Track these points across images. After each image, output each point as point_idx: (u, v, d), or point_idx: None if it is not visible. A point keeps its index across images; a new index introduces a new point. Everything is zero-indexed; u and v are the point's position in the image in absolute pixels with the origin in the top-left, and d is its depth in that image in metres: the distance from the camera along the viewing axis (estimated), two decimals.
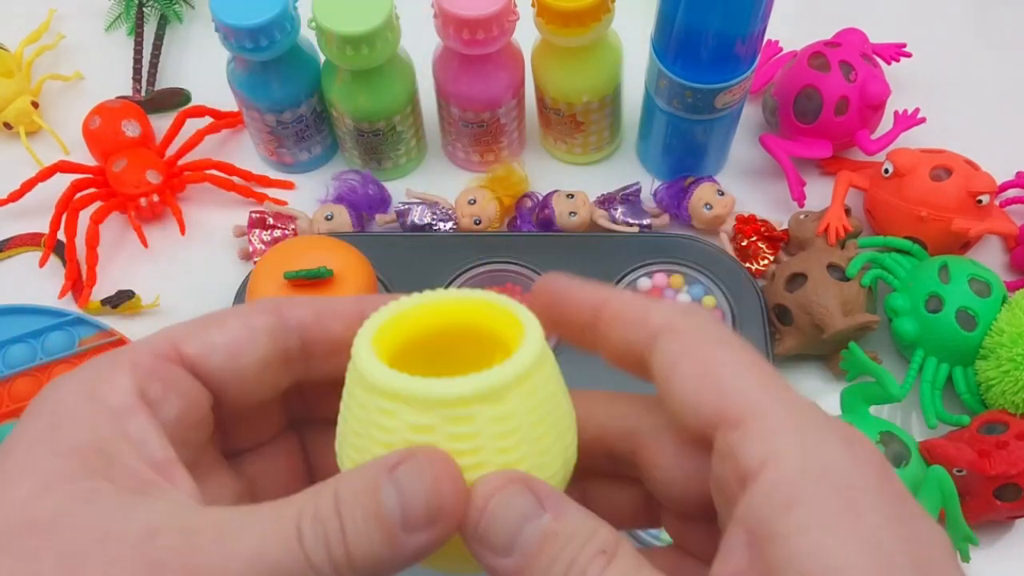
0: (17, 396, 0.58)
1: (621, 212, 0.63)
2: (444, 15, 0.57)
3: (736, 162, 0.68)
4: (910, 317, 0.57)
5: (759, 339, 0.58)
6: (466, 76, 0.61)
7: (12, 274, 0.65)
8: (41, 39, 0.73)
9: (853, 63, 0.62)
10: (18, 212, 0.66)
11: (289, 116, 0.63)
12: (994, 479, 0.51)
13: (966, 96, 0.70)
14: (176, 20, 0.75)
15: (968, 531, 0.48)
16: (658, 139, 0.64)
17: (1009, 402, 0.54)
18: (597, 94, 0.62)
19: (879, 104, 0.63)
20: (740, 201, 0.65)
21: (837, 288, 0.57)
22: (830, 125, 0.63)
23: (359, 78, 0.60)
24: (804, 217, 0.62)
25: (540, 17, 0.58)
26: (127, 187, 0.64)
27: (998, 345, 0.54)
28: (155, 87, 0.72)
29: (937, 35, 0.73)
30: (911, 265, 0.59)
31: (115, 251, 0.65)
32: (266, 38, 0.57)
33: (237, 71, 0.62)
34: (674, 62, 0.58)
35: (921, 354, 0.57)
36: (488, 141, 0.65)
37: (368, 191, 0.65)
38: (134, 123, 0.66)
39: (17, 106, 0.68)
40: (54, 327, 0.60)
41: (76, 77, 0.73)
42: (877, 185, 0.61)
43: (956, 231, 0.58)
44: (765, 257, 0.63)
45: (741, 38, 0.55)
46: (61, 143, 0.68)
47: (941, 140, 0.63)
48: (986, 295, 0.56)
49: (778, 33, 0.69)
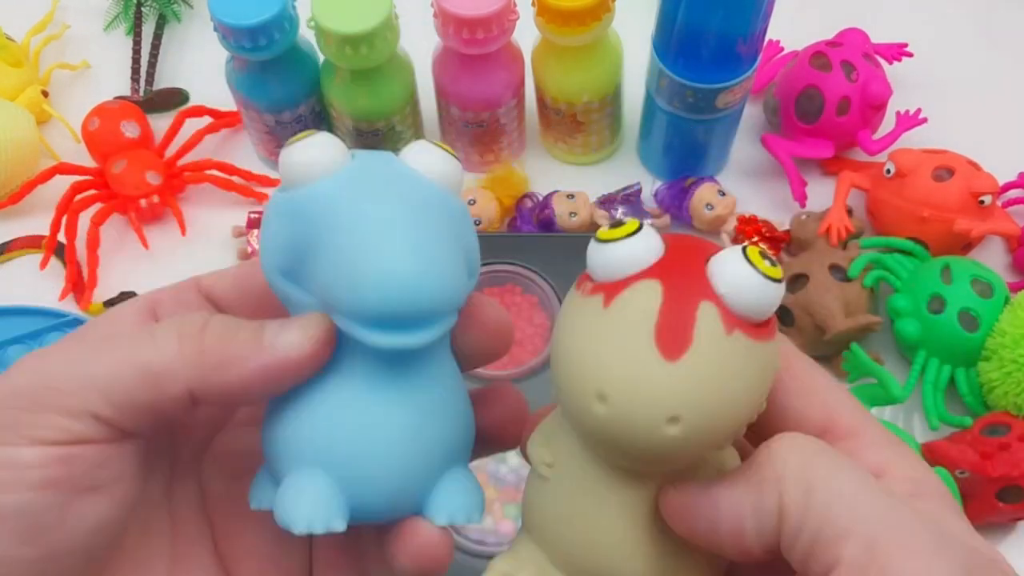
0: None
1: (622, 212, 0.63)
2: (444, 14, 0.56)
3: (737, 162, 0.68)
4: (912, 318, 0.57)
5: None
6: (466, 76, 0.61)
7: (13, 277, 0.65)
8: (47, 29, 0.73)
9: (855, 63, 0.62)
10: (18, 214, 0.66)
11: (288, 116, 0.63)
12: (996, 481, 0.51)
13: (968, 96, 0.70)
14: (175, 19, 0.75)
15: None
16: (659, 139, 0.64)
17: (1011, 403, 0.54)
18: (597, 94, 0.62)
19: (881, 104, 0.63)
20: (741, 201, 0.65)
21: (839, 289, 0.57)
22: (832, 125, 0.63)
23: (358, 78, 0.60)
24: (806, 218, 0.62)
25: (540, 16, 0.57)
26: (127, 188, 0.64)
27: (1000, 346, 0.54)
28: (154, 87, 0.71)
29: (939, 35, 0.72)
30: (913, 266, 0.59)
31: (116, 252, 0.65)
32: (265, 38, 0.57)
33: (236, 71, 0.61)
34: (675, 62, 0.57)
35: (923, 355, 0.57)
36: (488, 141, 0.65)
37: None
38: (133, 124, 0.66)
39: (28, 95, 0.68)
40: (52, 328, 0.60)
41: (83, 66, 0.73)
42: (879, 185, 0.61)
43: (958, 232, 0.58)
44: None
45: (742, 38, 0.55)
46: (72, 131, 0.68)
47: (943, 140, 0.63)
48: (988, 296, 0.56)
49: (779, 33, 0.69)
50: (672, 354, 0.23)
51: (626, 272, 0.24)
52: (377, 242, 0.25)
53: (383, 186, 0.26)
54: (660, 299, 0.23)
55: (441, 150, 0.28)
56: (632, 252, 0.24)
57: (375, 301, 0.24)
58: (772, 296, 0.24)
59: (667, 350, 0.23)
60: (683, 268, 0.24)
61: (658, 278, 0.24)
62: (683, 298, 0.24)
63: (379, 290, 0.24)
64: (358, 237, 0.25)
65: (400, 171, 0.27)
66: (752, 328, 0.24)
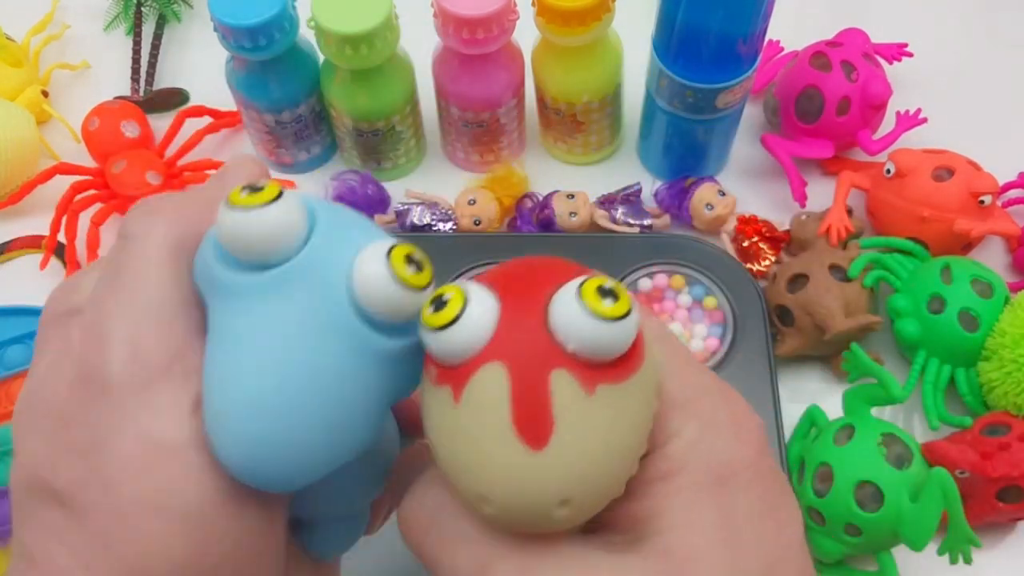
0: (14, 397, 0.58)
1: (622, 212, 0.63)
2: (444, 14, 0.56)
3: (737, 162, 0.68)
4: (912, 318, 0.57)
5: (760, 340, 0.57)
6: (466, 76, 0.61)
7: (13, 277, 0.65)
8: (47, 29, 0.73)
9: (855, 63, 0.62)
10: (18, 214, 0.66)
11: (288, 116, 0.63)
12: (996, 481, 0.51)
13: (968, 96, 0.70)
14: (175, 19, 0.75)
15: (970, 533, 0.48)
16: (659, 139, 0.64)
17: (1011, 404, 0.54)
18: (597, 94, 0.62)
19: (881, 104, 0.63)
20: (741, 201, 0.65)
21: (839, 289, 0.57)
22: (832, 125, 0.63)
23: (358, 78, 0.60)
24: (806, 218, 0.62)
25: (540, 16, 0.57)
26: (127, 188, 0.64)
27: (1000, 346, 0.54)
28: (154, 87, 0.71)
29: (939, 35, 0.72)
30: (913, 266, 0.59)
31: None
32: (265, 37, 0.57)
33: (236, 71, 0.61)
34: (675, 62, 0.57)
35: (923, 355, 0.57)
36: (488, 141, 0.65)
37: (367, 191, 0.64)
38: (133, 124, 0.66)
39: (28, 95, 0.68)
40: None
41: (83, 66, 0.73)
42: (879, 185, 0.61)
43: (958, 232, 0.58)
44: (766, 258, 0.62)
45: (742, 38, 0.55)
46: (72, 131, 0.68)
47: (943, 140, 0.63)
48: (988, 296, 0.56)
49: (779, 33, 0.69)
50: (537, 443, 0.22)
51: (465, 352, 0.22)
52: (221, 387, 0.23)
53: (294, 316, 0.23)
54: (507, 384, 0.22)
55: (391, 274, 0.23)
56: (469, 334, 0.22)
57: (220, 458, 0.24)
58: (619, 337, 0.22)
59: (532, 440, 0.22)
60: (521, 333, 0.22)
61: (499, 358, 0.22)
62: (531, 375, 0.22)
63: (219, 451, 0.23)
64: (220, 366, 0.23)
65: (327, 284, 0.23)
66: (613, 372, 0.22)
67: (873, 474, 0.49)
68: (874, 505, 0.49)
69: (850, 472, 0.50)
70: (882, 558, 0.51)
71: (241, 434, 0.23)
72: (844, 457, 0.50)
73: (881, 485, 0.49)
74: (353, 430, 0.24)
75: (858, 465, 0.50)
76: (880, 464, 0.49)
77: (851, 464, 0.50)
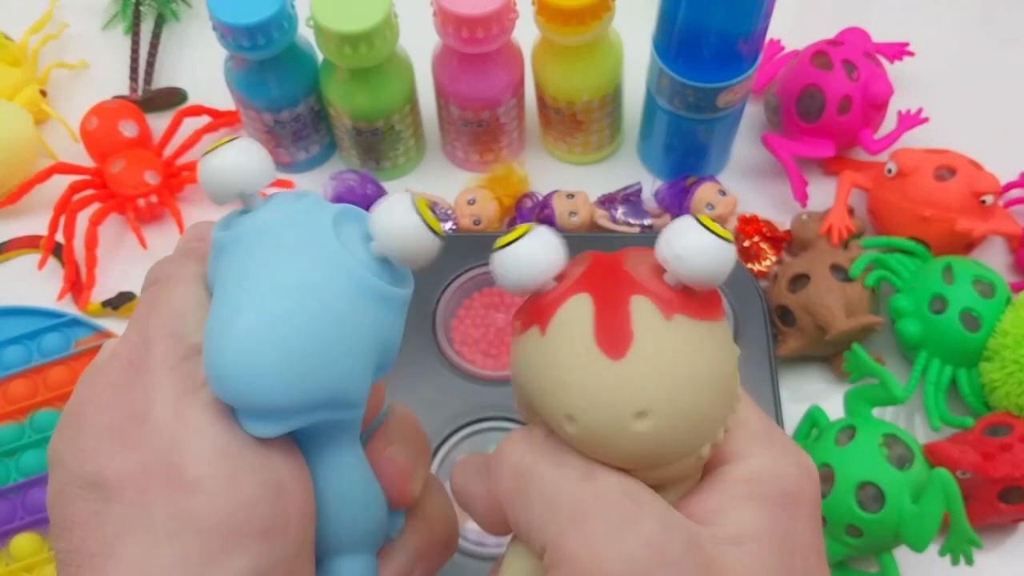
0: (13, 398, 0.57)
1: (622, 212, 0.63)
2: (443, 13, 0.56)
3: (738, 162, 0.68)
4: (914, 318, 0.56)
5: (761, 340, 0.57)
6: (465, 75, 0.60)
7: (11, 277, 0.65)
8: (45, 28, 0.73)
9: (856, 62, 0.62)
10: (16, 214, 0.66)
11: (287, 115, 0.63)
12: (998, 482, 0.51)
13: (970, 95, 0.70)
14: (173, 18, 0.75)
15: (972, 534, 0.48)
16: (659, 139, 0.64)
17: (1013, 404, 0.54)
18: (598, 93, 0.62)
19: (882, 103, 0.62)
20: (742, 201, 0.64)
21: (840, 289, 0.57)
22: (833, 124, 0.62)
23: (357, 77, 0.60)
24: (807, 217, 0.62)
25: (540, 15, 0.57)
26: (125, 188, 0.64)
27: (1002, 347, 0.54)
28: (152, 86, 0.71)
29: (940, 34, 0.72)
30: (915, 266, 0.59)
31: (114, 252, 0.65)
32: (264, 36, 0.57)
33: (234, 70, 0.61)
34: (675, 61, 0.57)
35: (925, 356, 0.56)
36: (488, 141, 0.65)
37: (366, 191, 0.64)
38: (131, 123, 0.66)
39: (26, 95, 0.68)
40: (50, 328, 0.59)
41: (82, 65, 0.72)
42: (880, 185, 0.61)
43: (960, 232, 0.58)
44: (767, 258, 0.62)
45: (743, 37, 0.55)
46: (70, 131, 0.68)
47: (945, 140, 0.63)
48: (990, 296, 0.55)
49: (780, 32, 0.69)
50: (617, 352, 0.24)
51: (533, 273, 0.25)
52: (221, 322, 0.25)
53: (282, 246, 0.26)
54: (591, 307, 0.24)
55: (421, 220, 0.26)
56: (531, 252, 0.25)
57: (212, 384, 0.25)
58: (727, 256, 0.24)
59: (611, 350, 0.24)
60: (604, 274, 0.25)
61: (583, 290, 0.25)
62: (613, 299, 0.24)
63: (211, 378, 0.25)
64: (217, 306, 0.25)
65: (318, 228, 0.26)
66: (693, 309, 0.24)
67: (874, 475, 0.49)
68: (875, 506, 0.49)
69: (851, 473, 0.49)
70: (883, 559, 0.51)
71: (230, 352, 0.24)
72: (845, 458, 0.50)
73: (882, 486, 0.49)
74: (339, 364, 0.25)
75: (859, 466, 0.49)
76: (881, 465, 0.49)
77: (852, 465, 0.50)
